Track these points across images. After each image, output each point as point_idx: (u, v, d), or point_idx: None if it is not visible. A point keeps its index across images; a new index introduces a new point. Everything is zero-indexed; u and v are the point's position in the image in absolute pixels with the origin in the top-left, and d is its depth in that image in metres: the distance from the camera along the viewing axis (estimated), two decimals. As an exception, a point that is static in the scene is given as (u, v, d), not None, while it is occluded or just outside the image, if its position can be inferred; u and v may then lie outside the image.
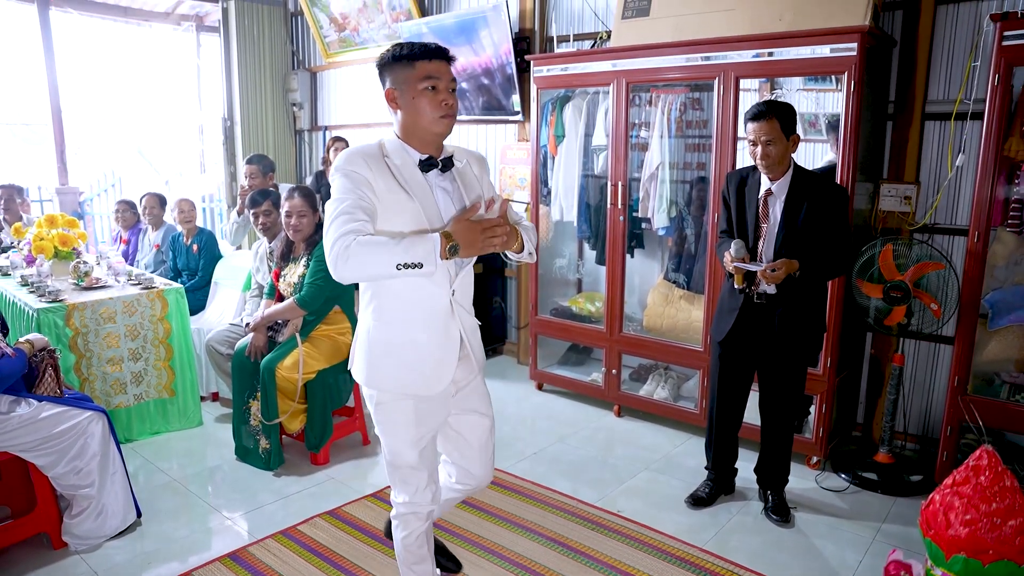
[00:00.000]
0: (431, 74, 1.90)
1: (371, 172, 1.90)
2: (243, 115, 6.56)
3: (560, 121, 4.42)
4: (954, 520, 1.34)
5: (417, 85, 1.90)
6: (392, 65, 1.93)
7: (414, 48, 1.92)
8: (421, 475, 2.12)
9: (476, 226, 1.84)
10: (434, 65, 1.91)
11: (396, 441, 2.10)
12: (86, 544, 2.87)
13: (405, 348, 2.02)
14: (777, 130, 2.75)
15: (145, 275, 4.12)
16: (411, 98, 1.92)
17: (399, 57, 1.91)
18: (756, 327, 2.95)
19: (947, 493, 1.39)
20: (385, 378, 2.05)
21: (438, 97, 1.92)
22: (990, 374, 3.33)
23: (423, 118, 1.93)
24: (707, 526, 3.05)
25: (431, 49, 1.92)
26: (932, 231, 3.58)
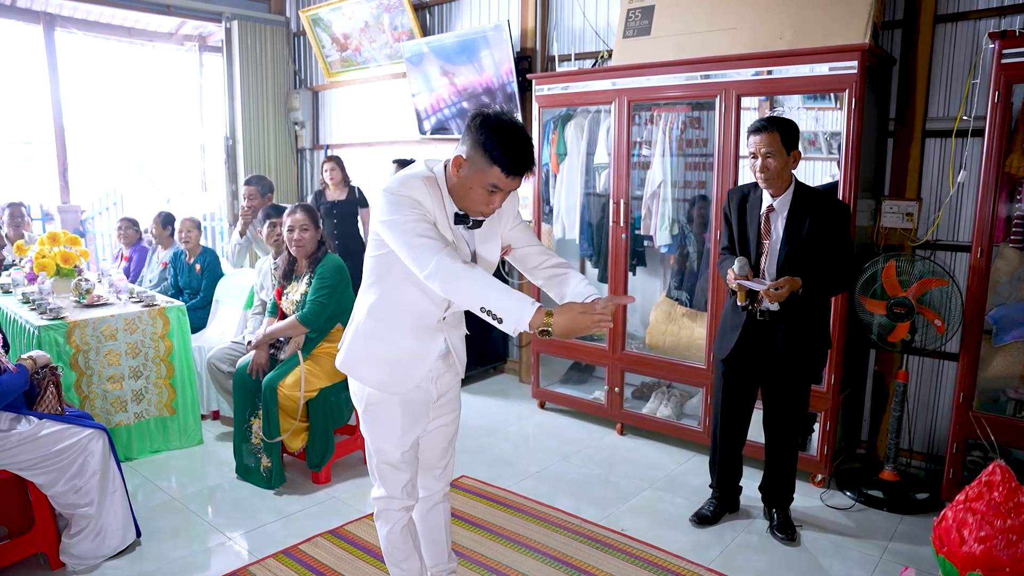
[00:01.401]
0: (499, 185, 1.90)
1: (430, 199, 1.92)
2: (245, 134, 6.59)
3: (562, 139, 4.44)
4: (968, 537, 1.33)
5: (483, 180, 1.90)
6: (477, 144, 1.89)
7: (505, 156, 1.86)
8: (402, 475, 2.19)
9: (584, 319, 1.78)
10: (509, 180, 1.90)
11: (381, 440, 2.15)
12: (84, 564, 2.84)
13: (387, 346, 2.08)
14: (777, 143, 2.76)
15: (147, 292, 4.11)
16: (471, 183, 1.92)
17: (488, 148, 1.87)
18: (759, 344, 2.94)
19: (960, 509, 1.38)
20: (360, 365, 2.12)
21: (491, 200, 1.94)
22: (995, 391, 3.32)
23: (468, 203, 1.96)
24: (712, 545, 3.02)
25: (519, 167, 1.89)
26: (934, 247, 3.58)
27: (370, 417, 2.15)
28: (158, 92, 7.08)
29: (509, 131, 1.87)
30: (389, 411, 2.12)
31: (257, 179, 4.75)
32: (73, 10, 5.94)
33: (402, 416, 2.12)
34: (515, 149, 1.87)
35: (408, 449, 2.16)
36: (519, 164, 1.88)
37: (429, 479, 2.34)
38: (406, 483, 2.19)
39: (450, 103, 5.37)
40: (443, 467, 2.36)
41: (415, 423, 2.16)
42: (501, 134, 1.86)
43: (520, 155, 1.88)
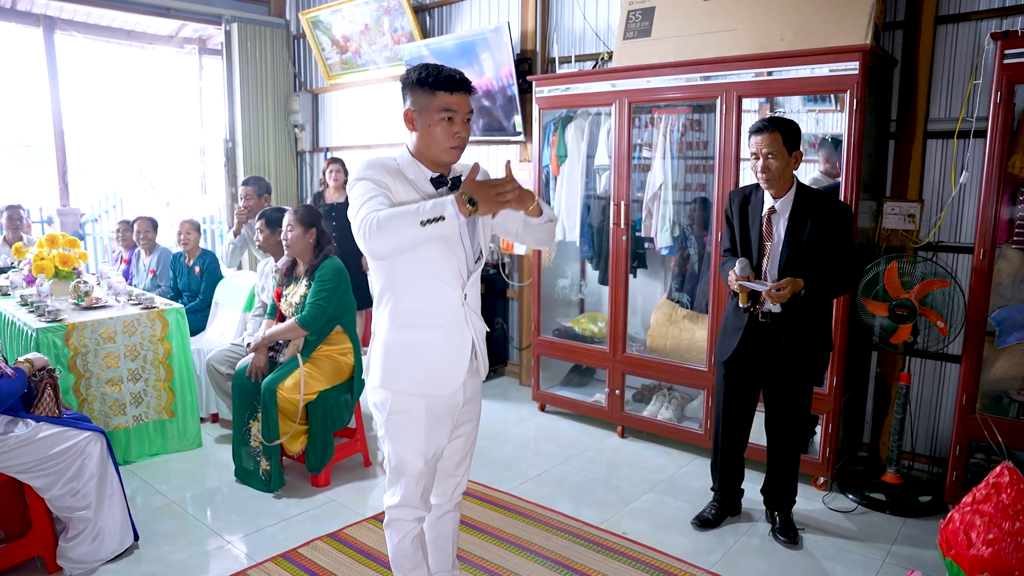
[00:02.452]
0: (449, 106, 1.95)
1: (391, 179, 1.97)
2: (245, 136, 6.58)
3: (562, 141, 4.43)
4: (976, 540, 1.31)
5: (435, 114, 1.95)
6: (414, 88, 1.97)
7: (438, 77, 1.94)
8: (421, 483, 2.17)
9: (486, 184, 1.89)
10: (454, 98, 1.95)
11: (404, 449, 2.13)
12: (82, 568, 2.82)
13: (420, 348, 2.07)
14: (779, 143, 2.74)
15: (145, 295, 4.10)
16: (427, 124, 1.97)
17: (422, 82, 1.95)
18: (761, 346, 2.92)
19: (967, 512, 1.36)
20: (401, 378, 2.09)
21: (452, 128, 1.97)
22: (998, 392, 3.30)
23: (435, 145, 1.99)
24: (714, 548, 3.00)
25: (454, 80, 1.95)
26: (936, 249, 3.57)
27: (393, 426, 2.13)
28: (158, 95, 7.08)
29: (428, 64, 2.00)
30: (413, 419, 2.10)
31: (254, 180, 4.74)
32: (73, 13, 5.93)
33: (426, 424, 2.10)
34: (439, 69, 1.96)
35: (431, 458, 2.15)
36: (452, 78, 1.95)
37: (445, 487, 2.32)
38: (423, 493, 2.18)
39: (450, 106, 5.35)
40: (460, 476, 2.33)
41: (439, 431, 2.14)
42: (422, 67, 1.98)
43: (447, 72, 1.96)
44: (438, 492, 2.32)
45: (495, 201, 1.88)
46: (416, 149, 2.03)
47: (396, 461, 2.15)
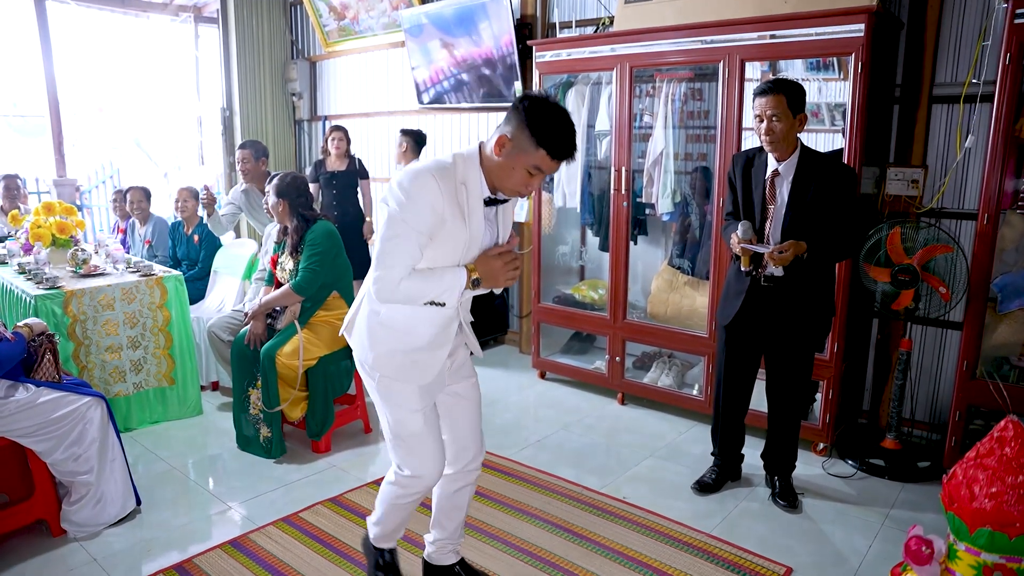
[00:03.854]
0: (542, 168, 1.92)
1: (441, 197, 1.90)
2: (242, 105, 6.51)
3: (562, 107, 4.37)
4: (979, 493, 1.31)
5: (526, 161, 1.91)
6: (523, 126, 1.89)
7: (551, 139, 1.88)
8: (427, 442, 2.14)
9: (499, 261, 1.99)
10: (552, 164, 1.92)
11: (400, 411, 2.12)
12: (85, 531, 2.83)
13: (407, 337, 2.07)
14: (783, 106, 2.70)
15: (144, 262, 4.08)
16: (513, 163, 1.92)
17: (533, 130, 1.87)
18: (763, 310, 2.91)
19: (970, 466, 1.35)
20: (385, 365, 2.09)
21: (531, 181, 1.96)
22: (999, 358, 3.29)
23: (507, 182, 1.97)
24: (714, 512, 3.01)
25: (563, 150, 1.90)
26: (939, 215, 3.54)
27: (384, 389, 2.12)
28: (153, 64, 6.99)
29: (556, 115, 1.89)
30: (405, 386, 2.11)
31: (251, 143, 4.68)
32: (65, -21, 5.83)
33: (418, 388, 2.10)
34: (562, 133, 1.89)
35: (429, 410, 2.14)
36: (565, 148, 1.90)
37: (461, 459, 2.30)
38: (434, 451, 2.15)
39: (449, 75, 5.29)
40: (475, 447, 2.31)
41: (431, 389, 2.14)
42: (549, 117, 1.87)
43: (566, 139, 1.90)
44: (454, 464, 2.29)
45: (503, 280, 2.02)
46: (489, 168, 1.98)
47: (395, 424, 2.13)
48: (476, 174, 1.97)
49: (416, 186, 1.89)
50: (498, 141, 1.92)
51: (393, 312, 2.06)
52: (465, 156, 1.98)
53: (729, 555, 2.67)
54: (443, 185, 1.90)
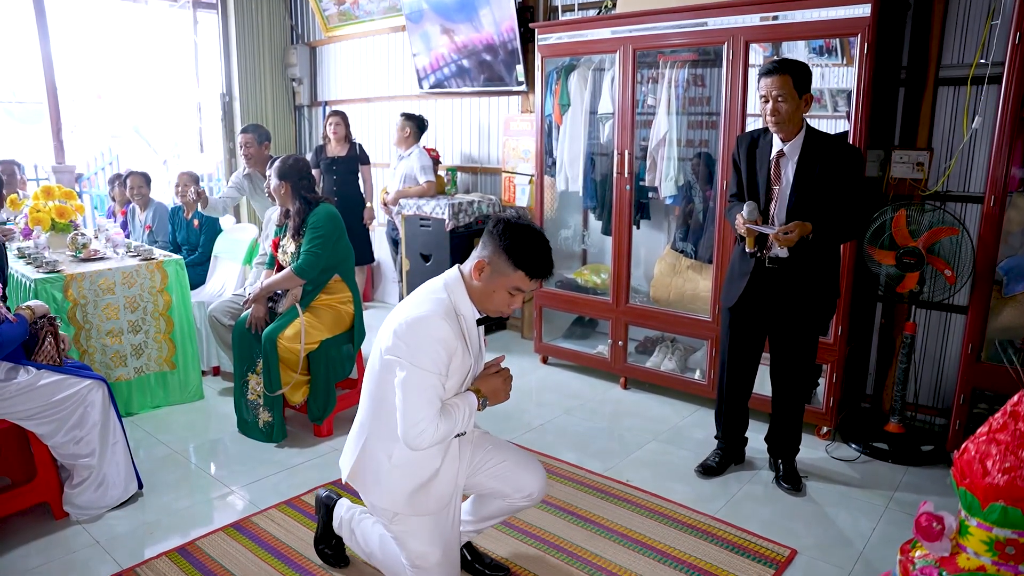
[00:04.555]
0: (522, 287, 2.00)
1: (452, 336, 1.97)
2: (242, 91, 6.47)
3: (565, 90, 4.34)
4: (991, 468, 1.29)
5: (506, 283, 1.99)
6: (499, 251, 1.97)
7: (527, 258, 1.96)
8: (447, 569, 2.18)
9: (498, 378, 2.14)
10: (531, 284, 2.00)
11: (418, 544, 2.15)
12: (87, 514, 2.83)
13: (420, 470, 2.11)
14: (789, 86, 2.68)
15: (144, 246, 4.06)
16: (494, 286, 2.00)
17: (509, 254, 1.95)
18: (768, 292, 2.89)
19: (983, 441, 1.34)
20: (400, 504, 2.12)
21: (512, 301, 2.04)
22: (1003, 341, 3.28)
23: (491, 304, 2.04)
24: (717, 495, 3.00)
25: (540, 271, 1.98)
26: (944, 198, 3.51)
27: (402, 527, 2.15)
28: (152, 50, 6.94)
29: (530, 236, 1.98)
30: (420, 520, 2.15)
31: (253, 127, 4.66)
32: (63, -37, 5.78)
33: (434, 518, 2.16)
34: (537, 254, 1.97)
35: (449, 543, 2.18)
36: (541, 268, 1.98)
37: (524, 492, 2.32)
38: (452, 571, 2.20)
39: (449, 61, 5.26)
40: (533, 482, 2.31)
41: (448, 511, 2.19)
42: (523, 239, 1.96)
43: (542, 259, 1.98)
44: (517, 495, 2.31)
45: (506, 394, 2.17)
46: (471, 291, 2.04)
47: (417, 558, 2.15)
48: (465, 299, 2.04)
49: (426, 333, 1.94)
50: (476, 266, 2.00)
51: (404, 451, 2.08)
52: (452, 284, 2.05)
53: (733, 537, 2.67)
54: (450, 324, 1.97)
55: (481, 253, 2.01)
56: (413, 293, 2.13)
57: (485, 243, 2.01)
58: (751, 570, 2.47)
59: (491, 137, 5.28)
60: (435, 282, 2.09)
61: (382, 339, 2.06)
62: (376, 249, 5.98)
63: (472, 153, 5.43)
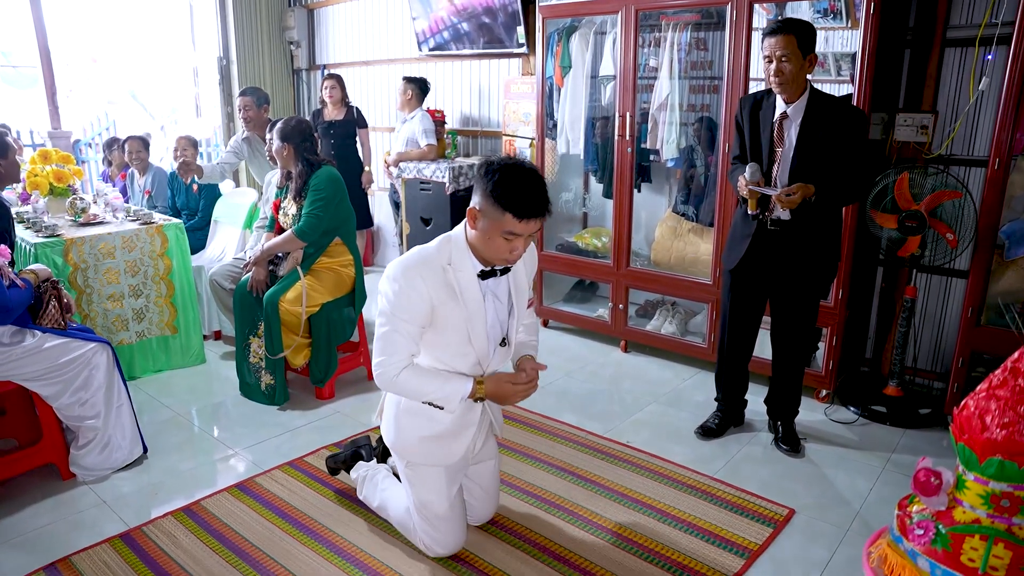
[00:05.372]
0: (515, 231, 1.93)
1: (427, 287, 1.98)
2: (239, 55, 6.39)
3: (566, 52, 4.29)
4: (990, 423, 1.30)
5: (499, 227, 1.92)
6: (486, 195, 1.91)
7: (512, 200, 1.89)
8: (451, 523, 2.26)
9: (512, 388, 2.10)
10: (521, 225, 1.92)
11: (427, 494, 2.24)
12: (94, 475, 2.86)
13: (430, 423, 2.17)
14: (794, 46, 2.64)
15: (143, 211, 4.04)
16: (489, 233, 1.95)
17: (496, 197, 1.89)
18: (769, 254, 2.88)
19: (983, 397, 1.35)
20: (412, 451, 2.23)
21: (511, 245, 1.96)
22: (1003, 305, 3.28)
23: (490, 253, 2.00)
24: (717, 456, 3.03)
25: (528, 208, 1.90)
26: (948, 162, 3.49)
27: (412, 473, 2.25)
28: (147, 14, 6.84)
29: (516, 175, 1.89)
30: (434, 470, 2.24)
31: (252, 90, 4.60)
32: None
33: (446, 471, 2.24)
34: (523, 192, 1.89)
35: (455, 498, 2.28)
36: (530, 207, 1.90)
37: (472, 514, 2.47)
38: (456, 531, 2.29)
39: (448, 24, 5.18)
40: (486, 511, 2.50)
41: (458, 473, 2.30)
42: (508, 179, 1.89)
43: (529, 197, 1.89)
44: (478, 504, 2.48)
45: (509, 403, 2.14)
46: (471, 242, 2.02)
47: (420, 505, 2.25)
48: (463, 252, 2.02)
49: (402, 280, 1.97)
50: (469, 214, 1.97)
51: (409, 401, 2.16)
52: (451, 237, 2.05)
53: (732, 497, 2.70)
54: (425, 273, 1.97)
55: (473, 201, 1.98)
56: None
57: (475, 189, 1.97)
58: (750, 529, 2.51)
59: (491, 100, 5.23)
60: (431, 242, 2.09)
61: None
62: (376, 214, 5.97)
63: (472, 116, 5.39)
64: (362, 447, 2.74)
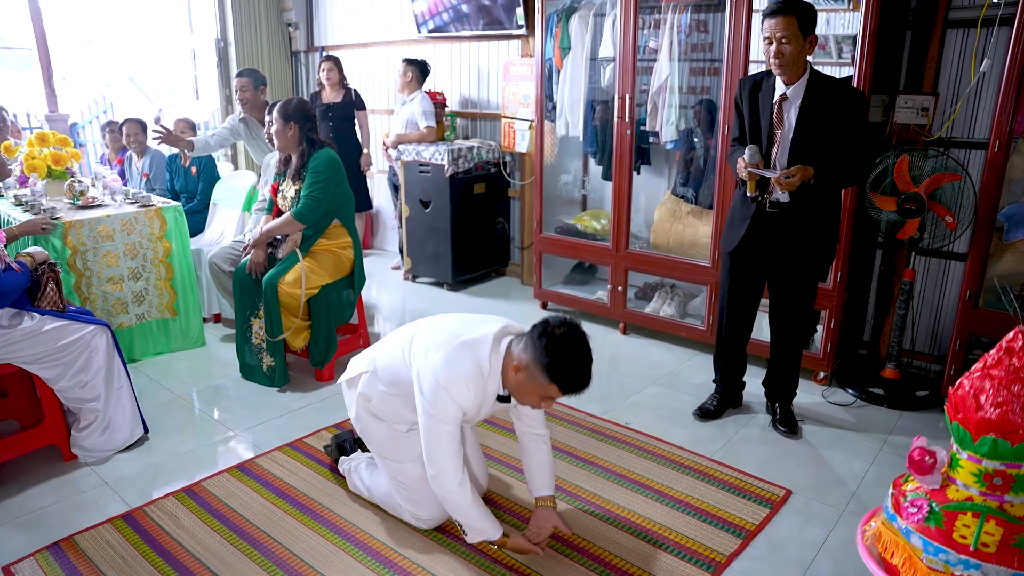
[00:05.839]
0: (554, 397, 2.00)
1: (471, 399, 2.04)
2: (237, 36, 6.34)
3: (566, 33, 4.26)
4: (985, 403, 1.31)
5: (540, 391, 1.99)
6: (537, 361, 1.94)
7: (562, 376, 1.93)
8: (428, 489, 2.26)
9: (526, 545, 2.18)
10: (562, 395, 1.99)
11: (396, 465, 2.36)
12: (95, 456, 2.88)
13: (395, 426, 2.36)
14: (794, 27, 2.62)
15: (142, 193, 4.03)
16: (528, 389, 2.00)
17: (547, 367, 1.92)
18: (768, 237, 2.89)
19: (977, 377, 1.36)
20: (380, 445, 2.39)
21: (545, 403, 2.06)
22: (1001, 288, 3.28)
23: (519, 396, 2.06)
24: (715, 437, 3.05)
25: (576, 386, 1.97)
26: (948, 144, 3.48)
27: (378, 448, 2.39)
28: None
29: (571, 351, 1.93)
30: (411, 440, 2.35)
31: (249, 71, 4.57)
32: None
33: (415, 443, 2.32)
34: (575, 371, 1.94)
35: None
36: (577, 385, 1.96)
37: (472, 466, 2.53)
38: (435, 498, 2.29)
39: (448, 6, 5.15)
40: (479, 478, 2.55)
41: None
42: (563, 355, 1.92)
43: (579, 378, 1.95)
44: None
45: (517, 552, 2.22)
46: (507, 382, 2.05)
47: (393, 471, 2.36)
48: (497, 376, 2.06)
49: (454, 388, 1.99)
50: (514, 367, 1.99)
51: (384, 407, 2.27)
52: (494, 357, 2.04)
53: (730, 478, 2.72)
54: (473, 388, 2.02)
55: (520, 355, 1.99)
56: (462, 322, 2.16)
57: (527, 346, 1.98)
58: (747, 509, 2.53)
59: (490, 82, 5.21)
60: (484, 339, 2.06)
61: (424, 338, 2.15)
62: (374, 196, 5.96)
63: (472, 98, 5.36)
64: (344, 441, 2.77)
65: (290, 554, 2.30)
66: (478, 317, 2.22)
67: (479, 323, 2.14)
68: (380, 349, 2.35)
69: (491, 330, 2.07)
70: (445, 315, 2.34)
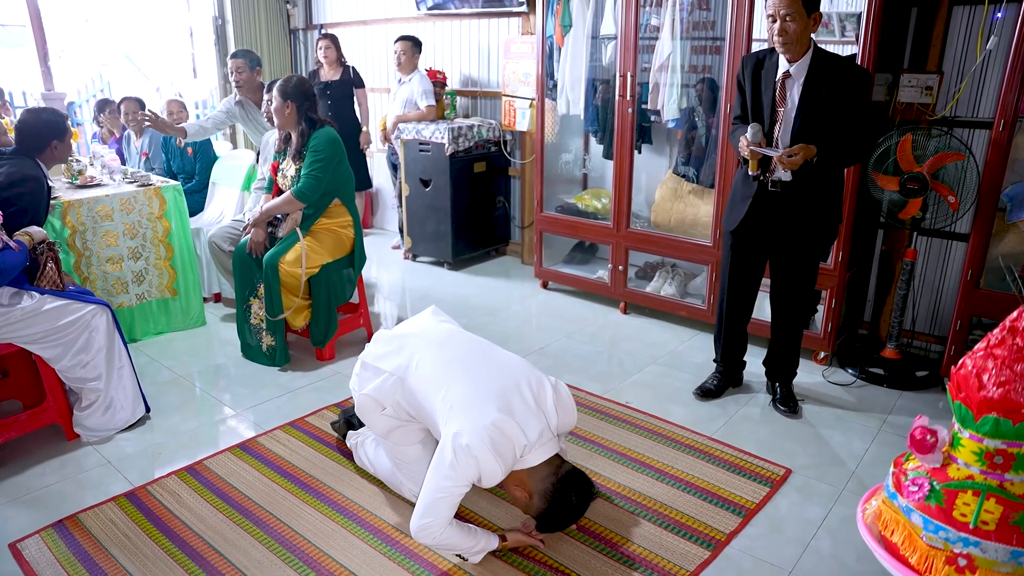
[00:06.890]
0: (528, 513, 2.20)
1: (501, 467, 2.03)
2: (234, 14, 6.27)
3: (567, 10, 4.22)
4: (987, 382, 1.31)
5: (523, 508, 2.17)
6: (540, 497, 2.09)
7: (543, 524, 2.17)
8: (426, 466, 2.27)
9: (525, 538, 2.23)
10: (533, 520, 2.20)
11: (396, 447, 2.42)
12: (97, 436, 2.89)
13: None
14: (798, 4, 2.59)
15: (141, 172, 4.01)
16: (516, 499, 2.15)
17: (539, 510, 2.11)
18: (770, 216, 2.87)
19: (980, 356, 1.36)
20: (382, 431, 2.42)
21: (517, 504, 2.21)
22: (1004, 267, 3.28)
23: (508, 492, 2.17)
24: (715, 417, 3.06)
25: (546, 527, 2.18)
26: (952, 124, 3.46)
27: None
28: (139, -28, 6.70)
29: (568, 516, 2.14)
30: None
31: (244, 52, 4.53)
32: None
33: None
34: (556, 526, 2.19)
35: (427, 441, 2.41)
36: (551, 527, 2.20)
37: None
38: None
39: (447, -16, 5.10)
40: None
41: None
42: (559, 516, 2.13)
43: (561, 526, 2.20)
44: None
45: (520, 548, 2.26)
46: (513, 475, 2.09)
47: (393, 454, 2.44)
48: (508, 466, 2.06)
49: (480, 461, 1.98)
50: (523, 484, 2.10)
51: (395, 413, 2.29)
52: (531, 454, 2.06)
53: (730, 457, 2.73)
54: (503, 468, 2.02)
55: (535, 483, 2.08)
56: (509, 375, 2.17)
57: (544, 479, 2.08)
58: (747, 488, 2.54)
59: (491, 60, 5.16)
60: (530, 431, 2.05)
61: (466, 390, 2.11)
62: (374, 175, 5.92)
63: (472, 77, 5.32)
64: (352, 416, 2.77)
65: (292, 532, 2.32)
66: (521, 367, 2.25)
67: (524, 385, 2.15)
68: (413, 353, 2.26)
69: (539, 425, 2.07)
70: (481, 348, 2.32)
